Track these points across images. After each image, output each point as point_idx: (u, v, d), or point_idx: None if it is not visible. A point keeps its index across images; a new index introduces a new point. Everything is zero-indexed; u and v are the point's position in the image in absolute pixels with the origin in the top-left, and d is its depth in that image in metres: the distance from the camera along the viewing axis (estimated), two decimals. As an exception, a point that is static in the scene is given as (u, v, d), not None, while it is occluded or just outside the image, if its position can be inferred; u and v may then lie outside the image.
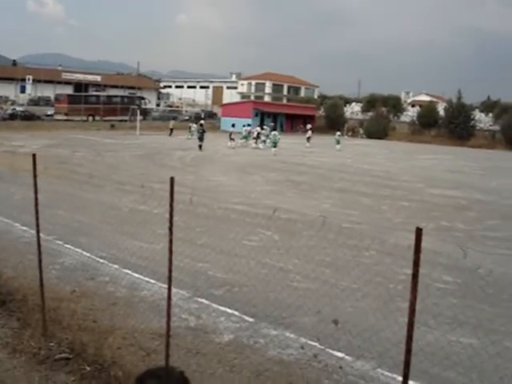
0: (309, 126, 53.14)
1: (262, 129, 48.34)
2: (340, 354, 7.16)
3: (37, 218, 7.45)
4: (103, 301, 8.83)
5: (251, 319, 8.41)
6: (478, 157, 50.58)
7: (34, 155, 7.47)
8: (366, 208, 18.95)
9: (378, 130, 73.23)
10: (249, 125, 51.82)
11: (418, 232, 4.10)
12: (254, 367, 6.83)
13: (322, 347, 7.29)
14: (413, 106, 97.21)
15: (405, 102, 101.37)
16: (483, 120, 78.48)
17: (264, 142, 45.02)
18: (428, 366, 6.72)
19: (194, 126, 50.43)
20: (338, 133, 50.77)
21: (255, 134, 46.89)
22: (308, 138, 47.92)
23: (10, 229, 13.45)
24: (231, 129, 44.85)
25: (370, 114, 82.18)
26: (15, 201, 16.32)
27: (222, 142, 46.54)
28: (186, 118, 78.35)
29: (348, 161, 37.26)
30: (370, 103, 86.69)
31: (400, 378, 4.75)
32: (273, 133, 41.53)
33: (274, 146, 39.83)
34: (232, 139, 43.82)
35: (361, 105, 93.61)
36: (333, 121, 77.09)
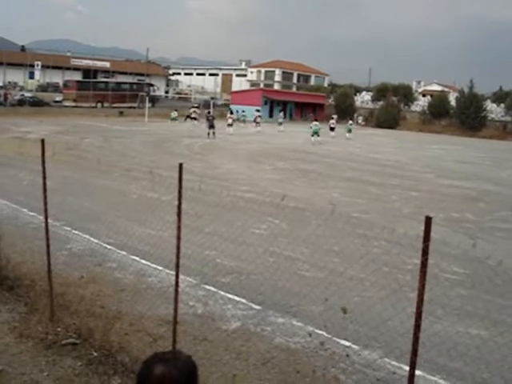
0: (334, 117, 54.12)
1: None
2: (347, 343, 7.15)
3: (45, 204, 7.45)
4: (111, 287, 8.85)
5: (258, 307, 8.41)
6: (488, 148, 50.27)
7: (42, 141, 7.45)
8: (375, 197, 18.88)
9: (388, 120, 72.92)
10: (257, 110, 56.91)
11: (428, 221, 4.07)
12: (260, 355, 6.83)
13: (329, 336, 7.28)
14: (424, 95, 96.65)
15: (416, 91, 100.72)
16: (495, 111, 77.98)
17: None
18: (435, 356, 6.69)
19: (175, 113, 53.97)
20: (350, 121, 50.51)
21: (257, 118, 52.37)
22: (332, 129, 47.60)
23: (18, 214, 13.49)
24: (233, 115, 47.92)
25: (381, 103, 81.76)
26: (23, 186, 16.36)
27: (237, 130, 46.56)
28: (195, 105, 78.37)
29: (357, 150, 37.14)
30: (381, 92, 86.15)
31: (407, 368, 4.74)
32: (314, 123, 41.76)
33: (317, 135, 40.70)
34: (230, 125, 45.07)
35: (371, 94, 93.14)
36: (343, 110, 76.75)
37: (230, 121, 45.55)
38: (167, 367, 2.00)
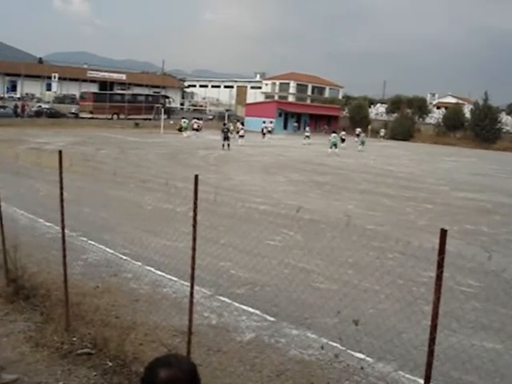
0: (358, 130, 54.85)
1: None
2: (361, 355, 7.13)
3: (62, 214, 7.52)
4: (126, 297, 8.90)
5: (272, 318, 8.41)
6: (503, 160, 50.01)
7: (60, 152, 7.54)
8: (390, 210, 18.84)
9: (402, 132, 72.78)
10: (264, 122, 61.08)
11: (443, 233, 4.07)
12: (274, 366, 6.83)
13: (343, 348, 7.25)
14: (438, 107, 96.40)
15: (430, 103, 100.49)
16: (510, 123, 77.60)
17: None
18: (450, 369, 6.66)
19: (186, 121, 53.96)
20: (363, 134, 50.44)
21: (265, 129, 55.69)
22: (343, 140, 47.64)
23: (34, 225, 13.61)
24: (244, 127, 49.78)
25: (395, 115, 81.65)
26: (40, 197, 16.51)
27: (246, 142, 46.76)
28: (210, 117, 78.69)
29: (371, 162, 37.09)
30: (395, 104, 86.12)
31: (421, 381, 4.73)
32: (333, 135, 42.02)
33: (335, 147, 41.26)
34: (242, 136, 46.17)
35: (385, 106, 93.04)
36: (357, 122, 76.71)
37: (241, 132, 46.21)
38: (172, 370, 2.04)
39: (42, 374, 6.36)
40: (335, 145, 40.68)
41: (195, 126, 52.95)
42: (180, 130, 53.11)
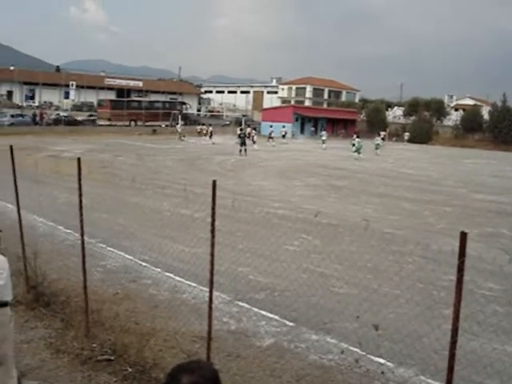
0: (383, 133, 54.95)
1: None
2: (381, 360, 7.08)
3: (81, 221, 7.57)
4: (145, 303, 8.93)
5: (292, 324, 8.39)
6: (523, 162, 49.46)
7: (78, 159, 7.59)
8: (408, 213, 18.73)
9: (420, 135, 72.32)
10: (271, 126, 59.04)
11: (463, 236, 4.03)
12: (294, 372, 6.81)
13: (363, 353, 7.21)
14: (456, 109, 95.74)
15: (448, 105, 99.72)
16: (529, 124, 76.68)
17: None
18: (471, 373, 6.59)
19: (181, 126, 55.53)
20: (378, 137, 49.87)
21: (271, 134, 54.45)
22: (377, 145, 47.34)
23: (54, 232, 13.72)
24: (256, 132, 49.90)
25: (413, 118, 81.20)
26: (59, 204, 16.65)
27: (262, 146, 46.81)
28: (227, 123, 78.86)
29: (389, 165, 36.91)
30: (413, 107, 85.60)
31: (442, 386, 4.68)
32: (357, 140, 41.83)
33: (358, 152, 40.86)
34: (255, 142, 46.94)
35: (403, 109, 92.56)
36: (374, 125, 76.38)
37: (255, 138, 46.82)
38: (194, 377, 2.04)
39: (62, 381, 6.40)
40: (358, 150, 40.44)
41: (199, 131, 53.95)
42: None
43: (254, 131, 49.93)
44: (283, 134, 60.56)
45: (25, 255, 8.93)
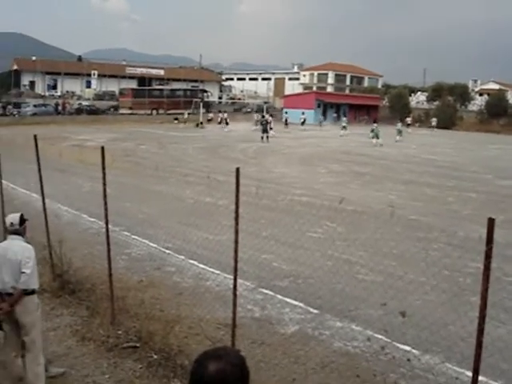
0: (408, 120, 54.67)
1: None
2: (407, 348, 7.04)
3: (105, 210, 7.61)
4: (170, 290, 8.97)
5: (316, 311, 8.37)
6: (549, 146, 48.68)
7: (102, 148, 7.62)
8: (433, 199, 18.53)
9: (444, 120, 71.41)
10: (303, 113, 61.56)
11: (490, 222, 3.96)
12: (319, 359, 6.80)
13: (389, 340, 7.17)
14: (481, 94, 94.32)
15: (472, 90, 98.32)
16: (556, 108, 75.44)
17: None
18: (499, 361, 6.49)
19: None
20: (399, 123, 48.92)
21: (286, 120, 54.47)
22: (399, 131, 46.65)
23: (78, 220, 13.83)
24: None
25: (436, 103, 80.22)
26: (83, 193, 16.77)
27: (285, 134, 46.75)
28: (249, 110, 78.71)
29: (413, 151, 36.56)
30: (436, 92, 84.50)
31: (468, 373, 4.62)
32: (375, 125, 41.51)
33: (377, 138, 40.21)
34: (271, 128, 45.61)
35: (426, 94, 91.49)
36: (397, 111, 75.60)
37: (272, 124, 46.34)
38: (221, 364, 2.02)
39: (88, 367, 6.46)
40: (377, 136, 40.01)
41: (208, 118, 54.27)
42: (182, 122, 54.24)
43: (270, 118, 49.58)
44: (302, 120, 60.17)
45: (50, 244, 9.01)
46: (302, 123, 59.20)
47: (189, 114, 58.50)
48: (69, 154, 25.72)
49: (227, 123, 52.17)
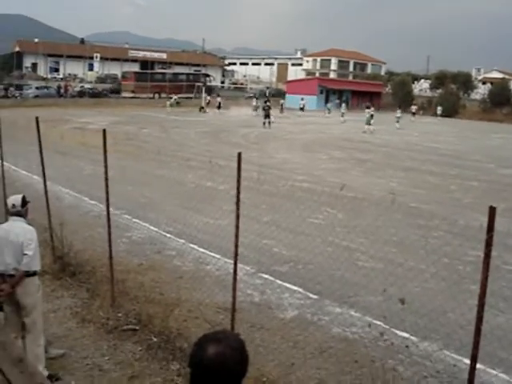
0: (414, 108, 54.99)
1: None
2: (406, 334, 7.07)
3: (107, 193, 7.61)
4: (170, 274, 9.00)
5: (315, 296, 8.40)
6: (552, 136, 48.55)
7: (104, 131, 7.60)
8: (434, 187, 18.52)
9: (447, 108, 71.13)
10: (302, 99, 61.77)
11: (492, 211, 3.96)
12: (317, 344, 6.83)
13: (387, 326, 7.19)
14: (484, 83, 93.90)
15: (475, 78, 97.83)
16: (559, 97, 75.06)
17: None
18: (497, 349, 6.51)
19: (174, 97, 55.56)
20: (399, 110, 48.28)
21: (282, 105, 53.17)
22: (398, 118, 46.39)
23: (79, 203, 13.85)
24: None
25: (439, 91, 79.91)
26: (84, 176, 16.76)
27: (285, 120, 46.63)
28: (251, 95, 78.51)
29: (415, 139, 36.49)
30: (439, 80, 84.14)
31: (466, 360, 4.64)
32: (367, 110, 41.35)
33: (369, 124, 40.00)
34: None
35: (429, 82, 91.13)
36: (400, 98, 75.34)
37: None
38: (221, 347, 2.03)
39: (88, 349, 6.49)
40: (369, 122, 39.79)
41: (206, 101, 53.84)
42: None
43: (268, 103, 49.33)
44: (301, 106, 59.82)
45: (51, 226, 9.03)
46: (301, 109, 58.75)
47: (175, 99, 57.81)
48: (70, 137, 25.71)
49: (219, 107, 52.25)
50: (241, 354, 2.07)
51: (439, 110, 65.26)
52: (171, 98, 56.71)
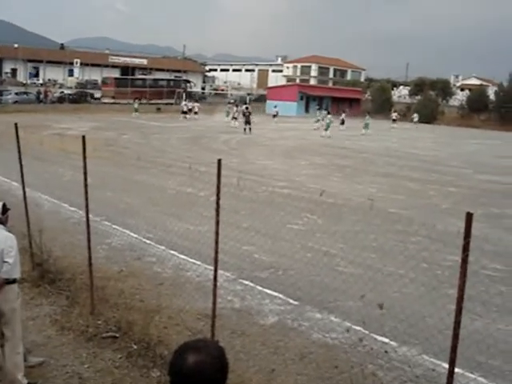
0: (394, 115, 56.67)
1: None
2: (385, 339, 7.11)
3: (86, 199, 7.58)
4: (150, 281, 8.96)
5: (296, 302, 8.42)
6: (529, 142, 49.18)
7: (83, 137, 7.58)
8: (413, 193, 18.69)
9: (425, 114, 71.73)
10: (275, 106, 58.75)
11: (469, 217, 4.01)
12: (298, 350, 6.85)
13: (367, 332, 7.23)
14: (462, 89, 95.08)
15: (454, 85, 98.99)
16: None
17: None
18: (475, 353, 6.58)
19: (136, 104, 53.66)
20: (367, 116, 48.11)
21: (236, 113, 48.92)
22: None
23: (59, 209, 13.75)
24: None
25: (418, 97, 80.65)
26: (64, 182, 16.63)
27: (267, 125, 46.67)
28: (231, 101, 78.58)
29: (394, 145, 36.76)
30: (418, 87, 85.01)
31: (445, 365, 4.69)
32: (328, 116, 41.62)
33: (326, 129, 40.47)
34: (234, 118, 46.37)
35: (408, 88, 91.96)
36: (379, 105, 75.91)
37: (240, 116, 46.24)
38: (201, 355, 2.03)
39: (67, 357, 6.44)
40: (328, 126, 40.24)
41: (185, 109, 52.73)
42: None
43: (249, 109, 49.18)
44: (274, 113, 59.48)
45: (30, 233, 8.96)
46: (274, 116, 58.27)
47: (137, 105, 56.55)
48: (50, 143, 25.50)
49: (196, 113, 52.24)
50: (221, 361, 2.08)
51: (415, 117, 65.26)
52: (134, 103, 55.05)
